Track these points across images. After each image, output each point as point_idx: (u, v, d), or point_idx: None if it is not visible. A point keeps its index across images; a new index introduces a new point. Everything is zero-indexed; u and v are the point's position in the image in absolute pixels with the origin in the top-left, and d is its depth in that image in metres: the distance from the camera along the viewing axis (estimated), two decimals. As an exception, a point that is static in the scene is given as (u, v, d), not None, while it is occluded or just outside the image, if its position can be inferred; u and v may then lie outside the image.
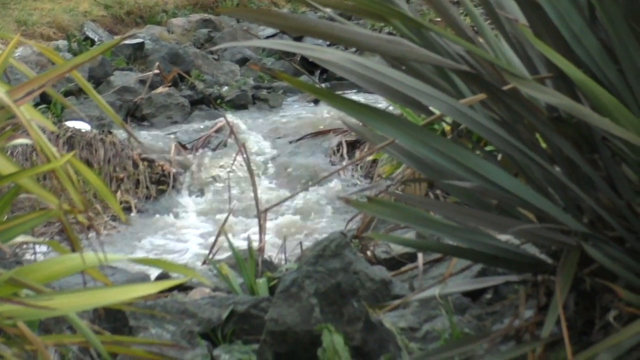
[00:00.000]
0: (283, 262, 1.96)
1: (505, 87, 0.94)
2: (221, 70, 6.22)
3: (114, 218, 3.30)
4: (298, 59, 5.71)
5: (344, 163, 3.96)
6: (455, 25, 1.09)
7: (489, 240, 1.13)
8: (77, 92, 5.09)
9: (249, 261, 1.60)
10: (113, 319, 1.22)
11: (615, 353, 0.89)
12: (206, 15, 8.10)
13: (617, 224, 0.97)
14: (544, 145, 1.11)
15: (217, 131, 4.38)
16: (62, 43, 6.62)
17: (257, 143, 4.33)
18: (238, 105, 5.46)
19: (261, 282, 1.56)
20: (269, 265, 1.84)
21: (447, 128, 2.75)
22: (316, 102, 5.09)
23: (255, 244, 1.84)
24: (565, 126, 1.00)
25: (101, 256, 0.82)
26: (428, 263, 1.57)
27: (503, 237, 1.18)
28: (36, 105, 4.14)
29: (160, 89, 5.36)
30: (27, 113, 0.82)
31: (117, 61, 5.96)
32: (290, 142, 4.43)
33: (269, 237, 2.31)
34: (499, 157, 1.45)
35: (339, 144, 4.25)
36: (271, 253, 2.08)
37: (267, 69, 5.93)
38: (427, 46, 1.04)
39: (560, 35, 0.95)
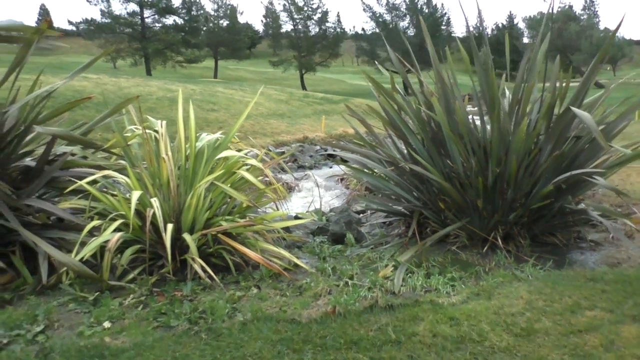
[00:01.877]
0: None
1: (400, 165, 3.80)
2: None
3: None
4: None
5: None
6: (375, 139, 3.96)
7: (389, 207, 3.99)
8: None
9: (319, 212, 4.44)
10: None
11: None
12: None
13: (431, 204, 3.86)
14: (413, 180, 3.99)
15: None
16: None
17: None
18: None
19: (323, 217, 4.40)
20: (323, 212, 4.75)
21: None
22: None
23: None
24: (417, 175, 3.88)
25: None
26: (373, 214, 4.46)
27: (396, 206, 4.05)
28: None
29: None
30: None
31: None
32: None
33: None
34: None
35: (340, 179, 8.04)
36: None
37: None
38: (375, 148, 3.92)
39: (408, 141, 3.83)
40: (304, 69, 55.17)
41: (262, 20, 62.85)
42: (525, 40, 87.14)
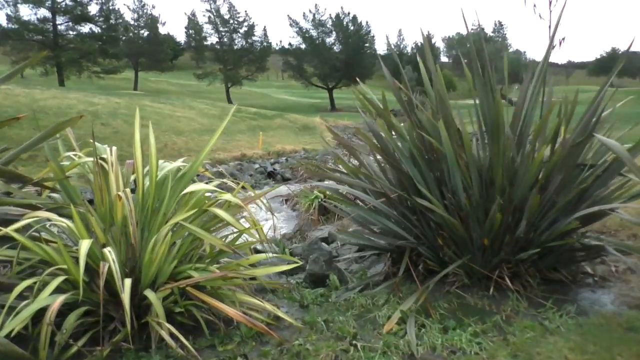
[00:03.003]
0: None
1: (392, 195, 3.33)
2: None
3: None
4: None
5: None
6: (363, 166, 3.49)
7: (376, 243, 3.52)
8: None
9: (280, 243, 3.85)
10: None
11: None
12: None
13: (426, 239, 3.41)
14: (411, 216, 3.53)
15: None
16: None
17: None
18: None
19: (286, 250, 3.85)
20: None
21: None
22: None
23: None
24: (410, 207, 3.43)
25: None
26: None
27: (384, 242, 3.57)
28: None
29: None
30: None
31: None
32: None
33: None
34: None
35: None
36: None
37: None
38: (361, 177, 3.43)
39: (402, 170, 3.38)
40: (230, 83, 54.14)
41: (185, 32, 60.91)
42: (443, 59, 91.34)
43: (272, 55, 61.39)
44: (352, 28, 57.77)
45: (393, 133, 3.40)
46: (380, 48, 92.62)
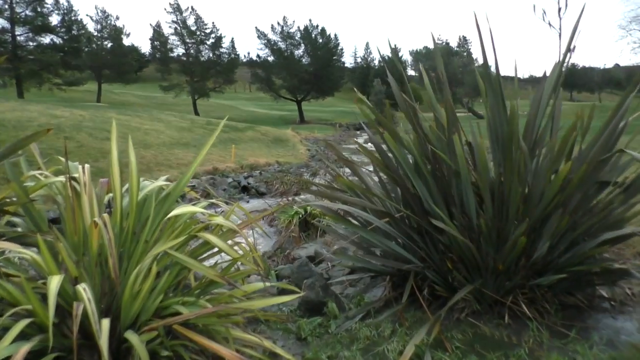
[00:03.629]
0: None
1: (397, 215, 3.04)
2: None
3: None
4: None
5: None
6: (365, 184, 3.19)
7: (379, 267, 3.22)
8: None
9: (265, 265, 3.51)
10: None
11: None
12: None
13: (433, 262, 3.13)
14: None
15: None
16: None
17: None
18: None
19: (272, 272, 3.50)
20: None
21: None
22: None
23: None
24: (416, 228, 3.14)
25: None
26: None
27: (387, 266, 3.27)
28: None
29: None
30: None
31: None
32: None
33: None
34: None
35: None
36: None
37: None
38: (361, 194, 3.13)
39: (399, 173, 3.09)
40: (197, 95, 53.37)
41: (150, 43, 59.81)
42: (411, 72, 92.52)
43: (240, 67, 60.86)
44: (320, 40, 57.94)
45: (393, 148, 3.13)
46: (348, 61, 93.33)
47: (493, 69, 3.16)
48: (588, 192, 2.94)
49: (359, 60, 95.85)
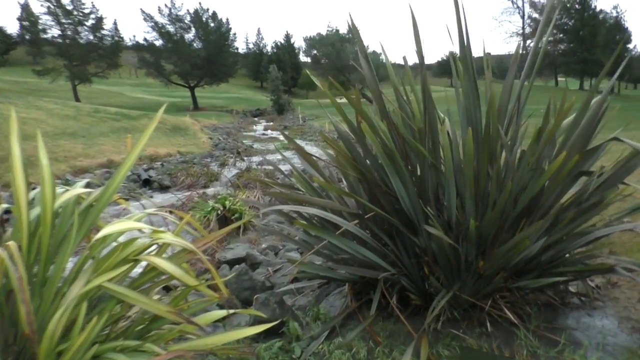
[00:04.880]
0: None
1: (366, 216, 2.64)
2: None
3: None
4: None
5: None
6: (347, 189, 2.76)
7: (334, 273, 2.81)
8: None
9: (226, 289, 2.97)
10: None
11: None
12: None
13: (406, 267, 2.77)
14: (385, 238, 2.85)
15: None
16: None
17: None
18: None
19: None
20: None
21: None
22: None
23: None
24: (386, 230, 2.76)
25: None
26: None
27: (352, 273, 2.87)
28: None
29: None
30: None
31: None
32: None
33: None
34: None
35: (169, 211, 6.82)
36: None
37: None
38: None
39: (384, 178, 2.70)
40: (77, 80, 49.12)
41: (18, 23, 53.77)
42: (303, 58, 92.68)
43: (125, 51, 56.92)
44: (212, 25, 55.89)
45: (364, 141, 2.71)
46: (241, 47, 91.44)
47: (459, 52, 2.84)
48: (566, 185, 2.75)
49: (250, 46, 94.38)
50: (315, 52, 74.32)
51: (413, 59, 2.72)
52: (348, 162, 2.71)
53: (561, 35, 61.01)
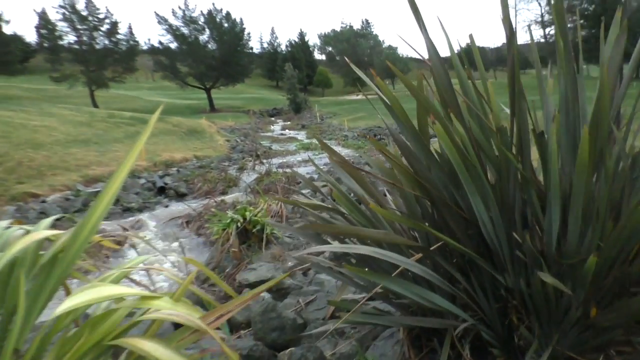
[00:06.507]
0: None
1: (431, 248, 1.96)
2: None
3: None
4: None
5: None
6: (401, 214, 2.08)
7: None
8: None
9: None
10: None
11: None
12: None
13: (486, 314, 2.07)
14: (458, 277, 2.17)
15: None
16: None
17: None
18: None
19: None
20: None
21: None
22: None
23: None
24: (458, 265, 2.07)
25: None
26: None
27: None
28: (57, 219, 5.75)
29: None
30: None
31: None
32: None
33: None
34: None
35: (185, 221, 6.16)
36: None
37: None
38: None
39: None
40: (94, 86, 49.26)
41: (36, 31, 54.09)
42: (317, 55, 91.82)
43: (141, 55, 56.92)
44: (226, 25, 55.52)
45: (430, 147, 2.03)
46: (255, 46, 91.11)
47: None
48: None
49: (265, 45, 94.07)
50: (330, 49, 73.41)
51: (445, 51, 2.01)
52: (406, 175, 2.03)
53: (582, 21, 59.11)
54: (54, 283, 1.45)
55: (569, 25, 2.12)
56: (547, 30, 56.10)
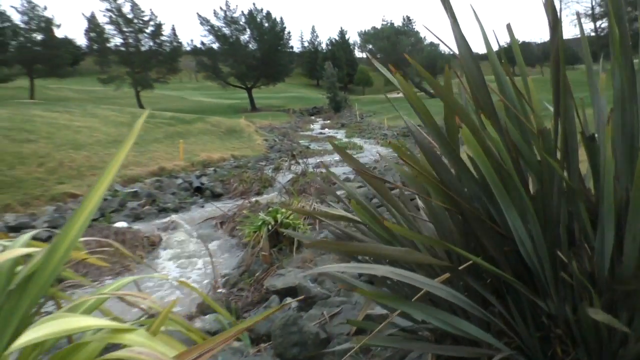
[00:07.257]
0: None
1: (460, 267, 1.71)
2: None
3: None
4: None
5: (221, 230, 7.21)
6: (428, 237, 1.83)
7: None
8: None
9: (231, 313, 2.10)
10: None
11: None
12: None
13: (524, 342, 1.81)
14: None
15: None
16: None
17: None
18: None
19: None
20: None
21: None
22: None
23: None
24: (492, 285, 1.81)
25: None
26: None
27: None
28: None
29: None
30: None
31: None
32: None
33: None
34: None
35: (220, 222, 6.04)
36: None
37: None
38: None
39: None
40: (140, 86, 50.55)
41: (85, 34, 55.99)
42: (358, 53, 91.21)
43: (184, 55, 58.04)
44: (266, 25, 55.88)
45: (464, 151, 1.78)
46: (295, 45, 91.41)
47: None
48: None
49: (305, 44, 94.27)
50: (370, 46, 72.82)
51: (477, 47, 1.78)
52: (432, 185, 1.79)
53: (637, 12, 56.20)
54: (26, 306, 1.30)
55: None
56: (598, 23, 53.69)
